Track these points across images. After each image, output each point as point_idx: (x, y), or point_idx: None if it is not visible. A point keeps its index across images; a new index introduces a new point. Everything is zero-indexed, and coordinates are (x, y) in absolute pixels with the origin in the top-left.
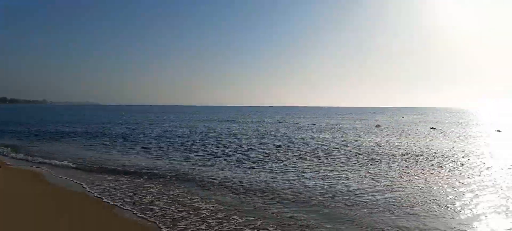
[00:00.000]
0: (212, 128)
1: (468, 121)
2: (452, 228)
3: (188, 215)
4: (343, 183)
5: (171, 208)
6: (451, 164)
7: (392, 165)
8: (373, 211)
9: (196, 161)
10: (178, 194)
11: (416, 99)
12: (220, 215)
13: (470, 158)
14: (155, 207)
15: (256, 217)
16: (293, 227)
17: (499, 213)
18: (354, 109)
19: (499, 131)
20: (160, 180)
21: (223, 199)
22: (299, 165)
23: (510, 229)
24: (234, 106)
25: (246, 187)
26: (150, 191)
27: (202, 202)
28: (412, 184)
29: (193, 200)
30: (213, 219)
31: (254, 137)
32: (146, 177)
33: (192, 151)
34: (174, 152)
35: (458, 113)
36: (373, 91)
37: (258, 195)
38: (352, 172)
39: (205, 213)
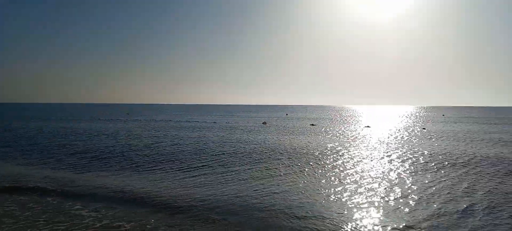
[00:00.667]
0: (96, 128)
1: (343, 118)
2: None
3: (60, 225)
4: (239, 185)
5: (41, 218)
6: (331, 157)
7: (282, 162)
8: (271, 213)
9: (80, 165)
10: (52, 201)
11: (297, 97)
12: (105, 221)
13: (347, 151)
14: (10, 220)
15: (146, 223)
16: None
17: (378, 199)
18: (241, 107)
19: (368, 126)
20: (33, 188)
21: (110, 207)
22: (193, 166)
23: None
24: (121, 104)
25: (136, 191)
26: (18, 200)
27: (84, 210)
28: (301, 180)
29: (74, 208)
30: (94, 228)
31: (144, 136)
32: (16, 187)
33: (75, 153)
34: (55, 155)
35: (335, 111)
36: (262, 91)
37: (149, 200)
38: (245, 172)
39: (86, 222)
